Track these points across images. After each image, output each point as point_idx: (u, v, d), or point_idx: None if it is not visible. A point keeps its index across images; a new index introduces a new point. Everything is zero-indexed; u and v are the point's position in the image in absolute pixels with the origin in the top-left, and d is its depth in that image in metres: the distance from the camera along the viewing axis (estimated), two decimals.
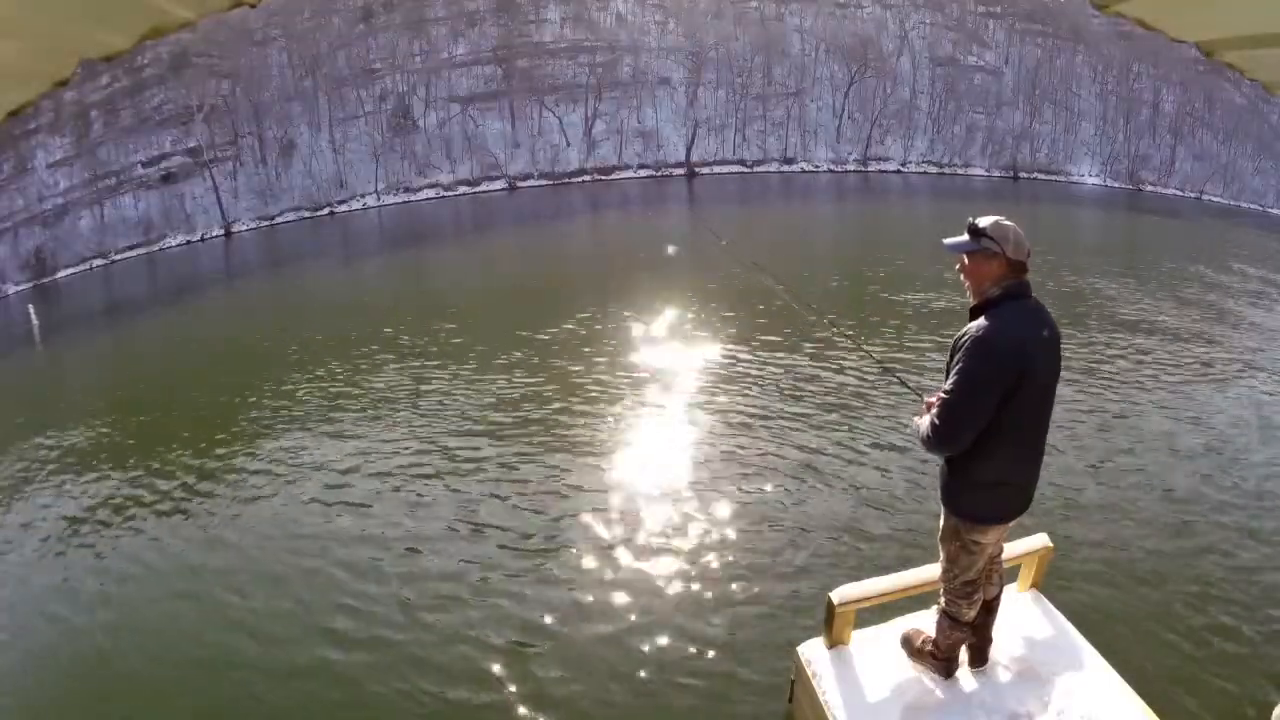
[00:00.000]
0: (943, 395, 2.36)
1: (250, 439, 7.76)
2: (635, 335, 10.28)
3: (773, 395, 7.87)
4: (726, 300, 11.71)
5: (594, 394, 8.15)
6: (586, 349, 9.73)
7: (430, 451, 6.97)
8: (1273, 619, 4.18)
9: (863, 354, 7.69)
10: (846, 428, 6.98)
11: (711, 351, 9.42)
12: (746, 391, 7.99)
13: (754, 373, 8.56)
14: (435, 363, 9.79)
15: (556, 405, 7.91)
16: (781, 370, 8.61)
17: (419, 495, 6.12)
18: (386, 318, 12.70)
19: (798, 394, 7.89)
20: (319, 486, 6.43)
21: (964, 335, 2.35)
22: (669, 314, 11.18)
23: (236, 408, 8.74)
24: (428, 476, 6.46)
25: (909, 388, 3.06)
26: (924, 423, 2.43)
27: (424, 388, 8.81)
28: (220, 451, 7.53)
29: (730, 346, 9.56)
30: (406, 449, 7.07)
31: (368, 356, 10.21)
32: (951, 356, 2.38)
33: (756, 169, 37.48)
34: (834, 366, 8.60)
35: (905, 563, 3.81)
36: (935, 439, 2.37)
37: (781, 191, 33.14)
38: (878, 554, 4.90)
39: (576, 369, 8.99)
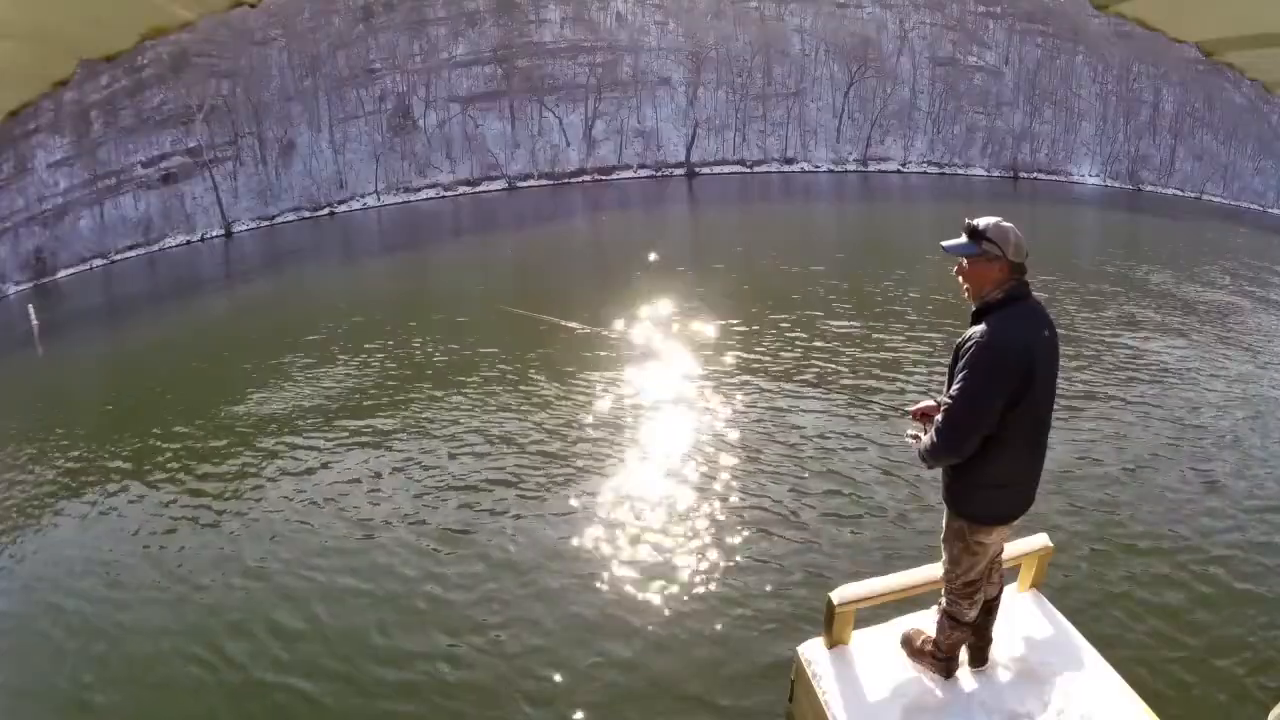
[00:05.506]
0: (948, 402, 2.32)
1: (249, 439, 7.75)
2: (631, 337, 10.29)
3: (774, 394, 7.86)
4: (731, 299, 11.71)
5: (595, 394, 8.15)
6: (587, 350, 9.73)
7: (428, 452, 6.98)
8: (1273, 620, 4.18)
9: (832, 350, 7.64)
10: (852, 429, 6.97)
11: (711, 346, 9.43)
12: (747, 391, 7.99)
13: (753, 370, 8.55)
14: (432, 362, 9.79)
15: (555, 404, 7.91)
16: (784, 366, 8.62)
17: (420, 497, 6.13)
18: (386, 318, 12.71)
19: (800, 394, 7.89)
20: (321, 486, 6.44)
21: (968, 341, 2.31)
22: (666, 317, 11.20)
23: (236, 407, 8.73)
24: (429, 477, 6.46)
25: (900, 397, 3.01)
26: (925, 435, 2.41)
27: (422, 388, 8.81)
28: (216, 460, 7.52)
29: (729, 344, 9.57)
30: (405, 448, 7.08)
31: (367, 355, 10.21)
32: (955, 362, 2.34)
33: (756, 169, 37.50)
34: (843, 364, 8.62)
35: (906, 563, 3.81)
36: (943, 446, 2.34)
37: (783, 191, 33.13)
38: (878, 554, 4.90)
39: (576, 369, 9.00)
